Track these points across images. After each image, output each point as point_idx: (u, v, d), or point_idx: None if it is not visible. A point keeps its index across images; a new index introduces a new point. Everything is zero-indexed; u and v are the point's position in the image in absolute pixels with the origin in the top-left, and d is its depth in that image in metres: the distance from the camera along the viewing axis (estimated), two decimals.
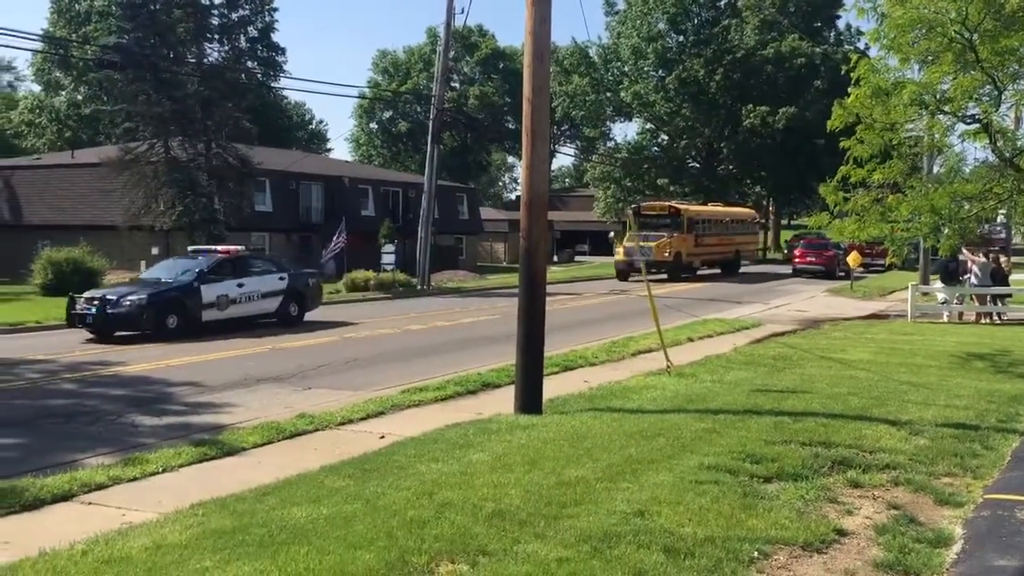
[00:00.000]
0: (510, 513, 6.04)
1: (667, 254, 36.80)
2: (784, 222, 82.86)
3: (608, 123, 66.89)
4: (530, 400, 10.01)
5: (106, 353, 15.79)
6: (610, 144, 67.94)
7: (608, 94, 60.75)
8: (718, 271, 42.75)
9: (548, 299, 10.75)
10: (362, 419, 9.91)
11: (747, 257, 46.57)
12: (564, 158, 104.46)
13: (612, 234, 45.06)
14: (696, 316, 21.25)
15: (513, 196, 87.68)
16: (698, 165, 62.50)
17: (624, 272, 37.49)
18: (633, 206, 41.25)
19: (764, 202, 70.04)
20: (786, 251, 55.14)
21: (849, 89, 13.95)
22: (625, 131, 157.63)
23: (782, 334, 18.20)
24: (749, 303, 26.29)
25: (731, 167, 61.56)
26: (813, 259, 40.71)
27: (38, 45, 59.89)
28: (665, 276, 37.19)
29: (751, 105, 55.41)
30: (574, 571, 5.04)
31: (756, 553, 5.45)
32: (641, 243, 32.15)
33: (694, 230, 39.17)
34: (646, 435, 8.44)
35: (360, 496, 6.55)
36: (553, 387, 11.05)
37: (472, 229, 56.24)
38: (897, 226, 14.88)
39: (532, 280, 10.20)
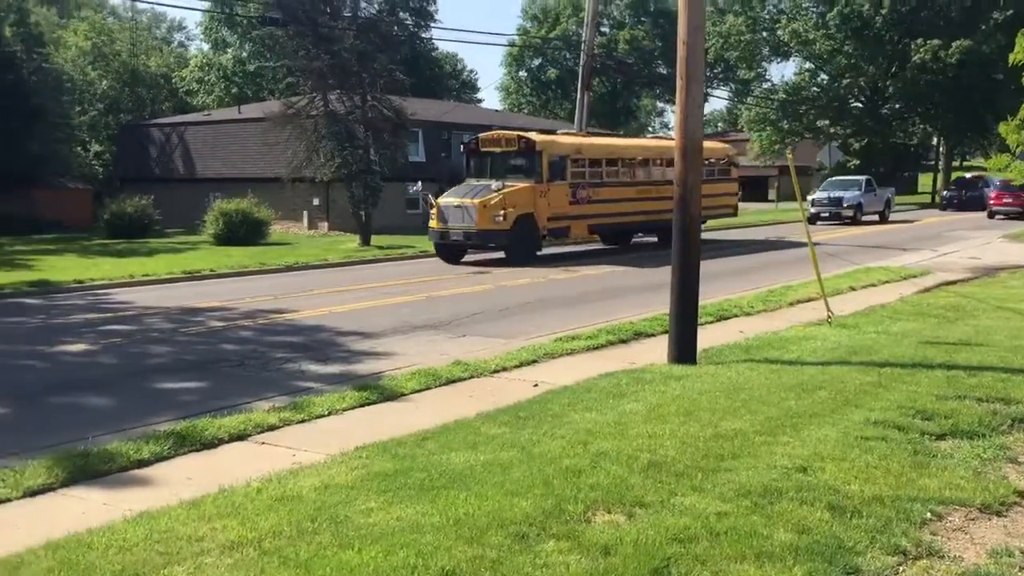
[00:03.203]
0: (666, 465, 5.98)
1: (500, 218, 22.27)
2: (955, 163, 77.98)
3: (764, 63, 64.36)
4: (684, 350, 9.86)
5: (279, 301, 16.53)
6: (766, 85, 65.40)
7: (764, 33, 58.36)
8: (651, 239, 29.07)
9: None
10: (515, 367, 10.01)
11: (714, 214, 29.95)
12: (717, 101, 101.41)
13: (419, 186, 30.05)
14: (858, 264, 20.34)
15: None
16: (860, 105, 59.42)
17: (444, 250, 23.98)
18: (466, 140, 27.38)
19: (934, 142, 66.08)
20: (943, 196, 50.85)
21: None
22: (782, 71, 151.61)
23: (953, 283, 17.19)
24: (916, 250, 24.97)
25: (897, 106, 58.22)
26: (1011, 200, 40.27)
27: (206, 5, 62.59)
28: (503, 256, 23.24)
29: (920, 39, 52.05)
30: (734, 526, 4.94)
31: (929, 514, 5.20)
32: (460, 200, 22.73)
33: (565, 176, 24.15)
34: (806, 388, 8.17)
35: (516, 443, 6.64)
36: (707, 337, 10.83)
37: None
38: None
39: (687, 227, 9.99)
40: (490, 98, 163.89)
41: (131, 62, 62.43)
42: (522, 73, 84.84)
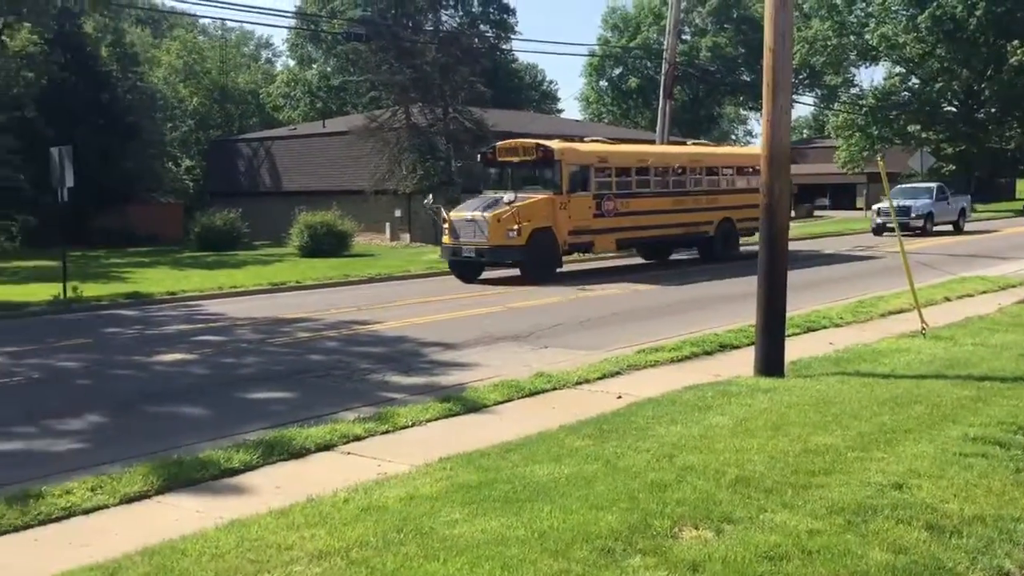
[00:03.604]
0: (754, 480, 5.85)
1: (514, 233, 20.61)
2: None
3: (851, 68, 62.92)
4: (771, 362, 9.66)
5: (362, 312, 16.77)
6: (854, 91, 63.90)
7: (852, 37, 57.05)
8: (691, 254, 27.01)
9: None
10: (598, 379, 9.94)
11: (750, 227, 25.18)
12: (802, 108, 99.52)
13: (429, 199, 25.57)
14: (953, 274, 19.68)
15: None
16: (954, 109, 57.58)
17: (457, 267, 22.24)
18: (483, 150, 24.49)
19: None
20: None
21: None
22: (871, 76, 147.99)
23: None
24: (1016, 259, 24.03)
25: (993, 110, 56.25)
26: None
27: (292, 22, 64.15)
28: (519, 274, 21.56)
29: (1017, 41, 50.26)
30: (827, 544, 4.80)
31: None
32: (472, 213, 21.32)
33: (588, 186, 22.44)
34: (900, 402, 7.92)
35: (600, 456, 6.58)
36: (795, 349, 10.60)
37: None
38: None
39: (773, 237, 9.80)
40: (570, 108, 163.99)
41: (220, 79, 64.36)
42: (602, 83, 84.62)
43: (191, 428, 8.56)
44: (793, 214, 59.29)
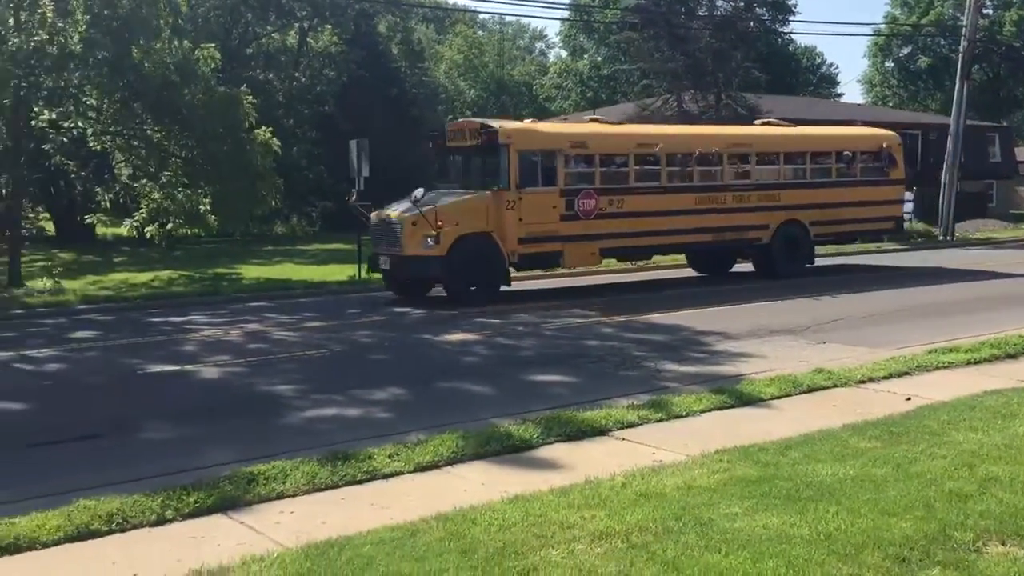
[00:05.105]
0: None
1: (431, 240, 15.87)
2: None
3: None
4: None
5: (636, 303, 16.90)
6: None
7: None
8: (742, 268, 21.00)
9: None
10: (883, 378, 9.41)
11: (864, 230, 22.32)
12: None
13: (352, 195, 19.28)
14: None
15: None
16: None
17: (389, 280, 17.68)
18: (432, 133, 19.76)
19: None
20: None
21: None
22: None
23: None
24: None
25: None
26: None
27: (565, 14, 65.40)
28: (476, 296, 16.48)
29: None
30: None
31: None
32: (389, 213, 16.76)
33: (554, 179, 17.03)
34: None
35: (889, 460, 6.25)
36: None
37: (1005, 173, 50.16)
38: None
39: None
40: (851, 92, 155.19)
41: (497, 72, 66.88)
42: (888, 63, 79.38)
43: (478, 405, 9.05)
44: None
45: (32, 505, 5.79)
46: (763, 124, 22.69)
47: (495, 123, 17.51)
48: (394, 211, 16.68)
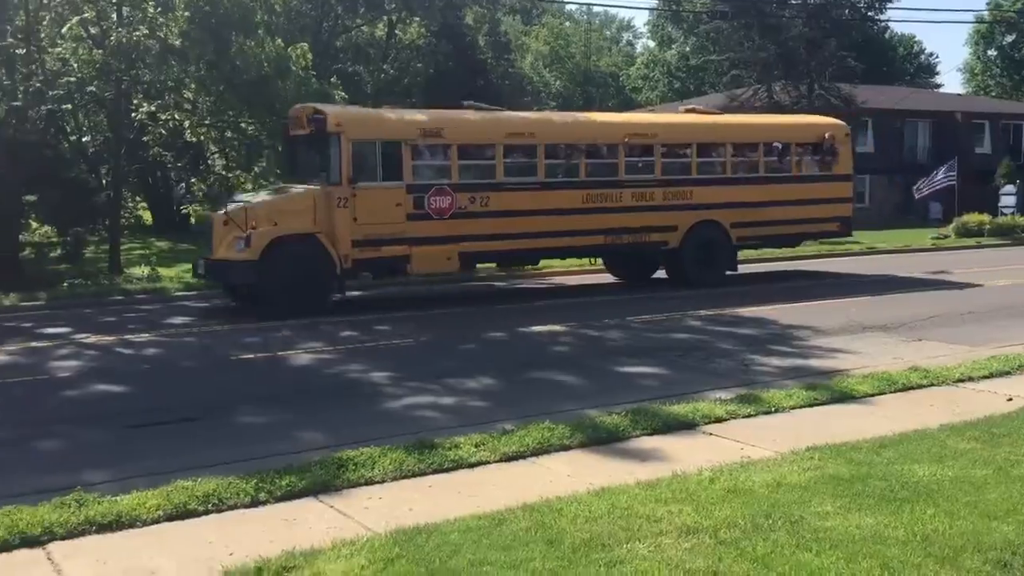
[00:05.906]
0: None
1: (243, 244, 14.11)
2: None
3: None
4: None
5: (721, 297, 16.67)
6: None
7: None
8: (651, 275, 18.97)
9: None
10: (983, 377, 9.09)
11: (810, 232, 19.72)
12: None
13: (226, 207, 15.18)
14: None
15: None
16: None
17: (229, 288, 15.82)
18: (285, 120, 17.22)
19: None
20: None
21: None
22: None
23: None
24: None
25: None
26: None
27: (653, 3, 64.81)
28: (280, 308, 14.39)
29: None
30: None
31: None
32: (219, 212, 14.84)
33: (399, 173, 14.98)
34: None
35: (990, 462, 6.04)
36: None
37: None
38: None
39: None
40: (951, 81, 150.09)
41: (584, 63, 66.62)
42: (991, 52, 76.41)
43: (565, 395, 9.06)
44: None
45: (132, 484, 6.00)
46: (687, 111, 20.25)
47: (328, 108, 15.68)
48: (219, 210, 14.87)
